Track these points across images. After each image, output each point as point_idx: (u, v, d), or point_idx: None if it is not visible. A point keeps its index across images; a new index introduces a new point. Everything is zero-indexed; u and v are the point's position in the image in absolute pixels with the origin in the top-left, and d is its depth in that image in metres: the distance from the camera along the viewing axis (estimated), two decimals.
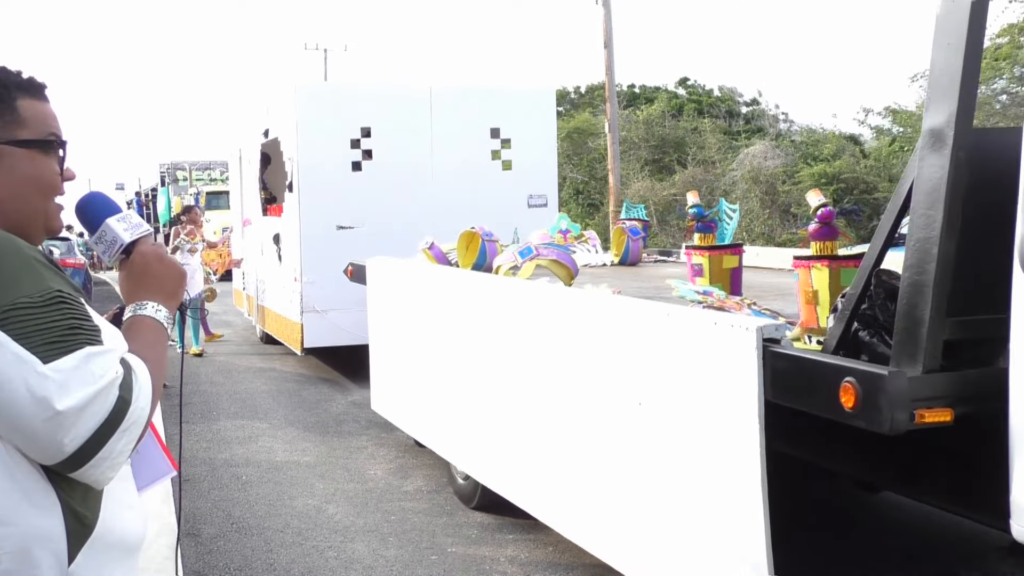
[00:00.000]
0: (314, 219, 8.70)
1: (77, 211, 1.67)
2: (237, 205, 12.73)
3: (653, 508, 3.10)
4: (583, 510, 3.59)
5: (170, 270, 1.62)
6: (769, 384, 2.56)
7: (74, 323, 1.37)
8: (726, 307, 3.33)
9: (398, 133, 8.92)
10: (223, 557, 4.60)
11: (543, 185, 9.51)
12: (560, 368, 3.68)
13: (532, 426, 3.96)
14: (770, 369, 2.56)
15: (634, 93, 27.10)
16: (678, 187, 20.11)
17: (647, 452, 3.11)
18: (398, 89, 9.29)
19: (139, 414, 1.40)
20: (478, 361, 4.52)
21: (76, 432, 1.32)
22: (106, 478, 1.40)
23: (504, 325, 4.18)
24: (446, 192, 8.94)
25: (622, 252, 6.98)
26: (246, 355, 10.94)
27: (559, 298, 3.79)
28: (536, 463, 3.96)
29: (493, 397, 4.35)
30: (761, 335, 2.56)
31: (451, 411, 4.92)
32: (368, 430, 7.02)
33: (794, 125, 24.25)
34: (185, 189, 26.57)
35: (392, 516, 5.11)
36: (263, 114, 10.29)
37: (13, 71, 1.54)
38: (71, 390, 1.32)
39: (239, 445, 6.72)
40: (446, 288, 4.97)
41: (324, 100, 9.01)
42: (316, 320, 8.70)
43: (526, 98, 9.57)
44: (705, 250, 4.29)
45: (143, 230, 1.64)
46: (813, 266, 3.11)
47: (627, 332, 3.20)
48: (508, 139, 9.31)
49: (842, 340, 2.61)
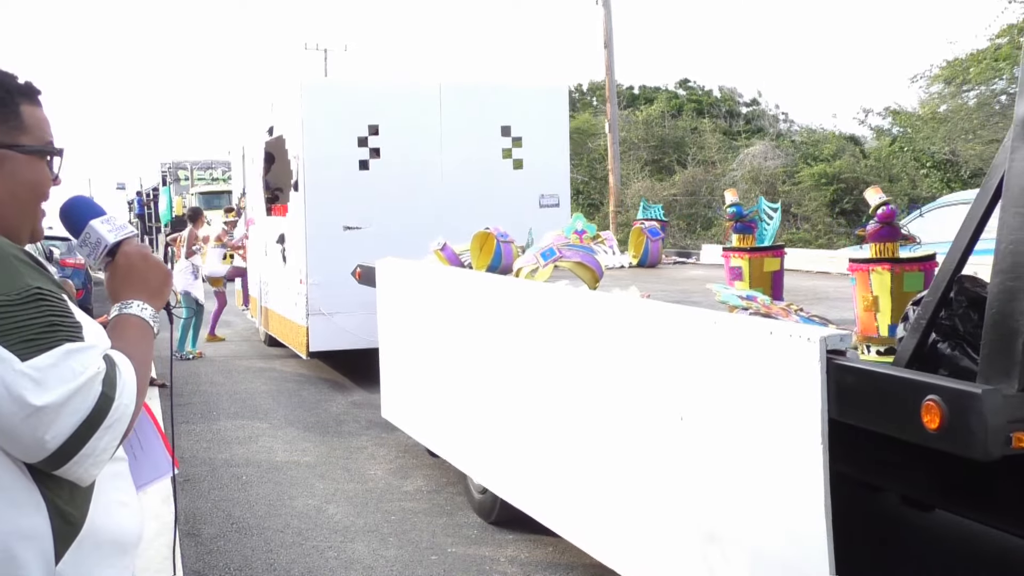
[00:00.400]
0: (320, 219, 8.46)
1: (61, 215, 1.68)
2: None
3: (695, 530, 2.87)
4: (616, 530, 3.32)
5: (155, 269, 1.63)
6: (834, 401, 2.30)
7: (53, 320, 1.36)
8: (772, 313, 3.11)
9: (407, 131, 8.67)
10: (223, 557, 4.59)
11: (555, 185, 9.27)
12: (588, 377, 3.43)
13: (557, 438, 3.70)
14: (835, 384, 2.30)
15: (633, 94, 27.11)
16: (678, 187, 20.12)
17: (689, 470, 2.86)
18: (407, 86, 9.02)
19: (123, 411, 1.38)
20: (496, 368, 4.28)
21: (57, 429, 1.31)
22: (90, 475, 1.39)
23: (525, 330, 3.95)
24: (456, 192, 8.73)
25: (640, 253, 6.73)
26: (246, 355, 10.93)
27: (587, 302, 3.53)
28: (562, 477, 3.70)
29: (513, 406, 4.10)
30: (825, 346, 2.31)
31: (467, 421, 4.67)
32: (368, 430, 7.01)
33: (794, 125, 24.26)
34: (186, 189, 26.55)
35: (392, 516, 5.10)
36: (267, 112, 10.06)
37: (12, 75, 1.55)
38: (49, 387, 1.31)
39: (239, 445, 6.71)
40: (461, 291, 4.73)
41: (330, 97, 8.75)
42: (322, 323, 8.46)
43: (538, 96, 9.32)
44: (745, 252, 4.02)
45: (127, 232, 1.65)
46: (873, 270, 2.83)
47: (667, 340, 2.94)
48: (519, 137, 9.07)
49: (916, 353, 2.34)
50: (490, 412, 4.37)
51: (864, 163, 17.50)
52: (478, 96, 9.04)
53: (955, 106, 15.61)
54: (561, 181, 9.37)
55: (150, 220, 31.07)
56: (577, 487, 3.57)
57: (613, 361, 3.25)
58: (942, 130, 15.74)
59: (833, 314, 3.45)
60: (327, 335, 8.46)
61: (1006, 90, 15.27)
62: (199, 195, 24.58)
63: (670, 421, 2.90)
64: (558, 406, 3.67)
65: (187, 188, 26.48)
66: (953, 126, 15.46)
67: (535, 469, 3.94)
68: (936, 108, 16.31)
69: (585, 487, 3.50)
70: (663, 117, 23.56)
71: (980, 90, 15.41)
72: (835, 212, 16.79)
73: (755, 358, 2.54)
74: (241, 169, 12.09)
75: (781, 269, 4.10)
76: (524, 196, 8.95)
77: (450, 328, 4.83)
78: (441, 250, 5.50)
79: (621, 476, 3.24)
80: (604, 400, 3.31)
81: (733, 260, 4.08)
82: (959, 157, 15.86)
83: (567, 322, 3.60)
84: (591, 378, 3.40)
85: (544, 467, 3.85)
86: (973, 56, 15.26)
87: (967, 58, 15.39)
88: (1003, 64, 14.66)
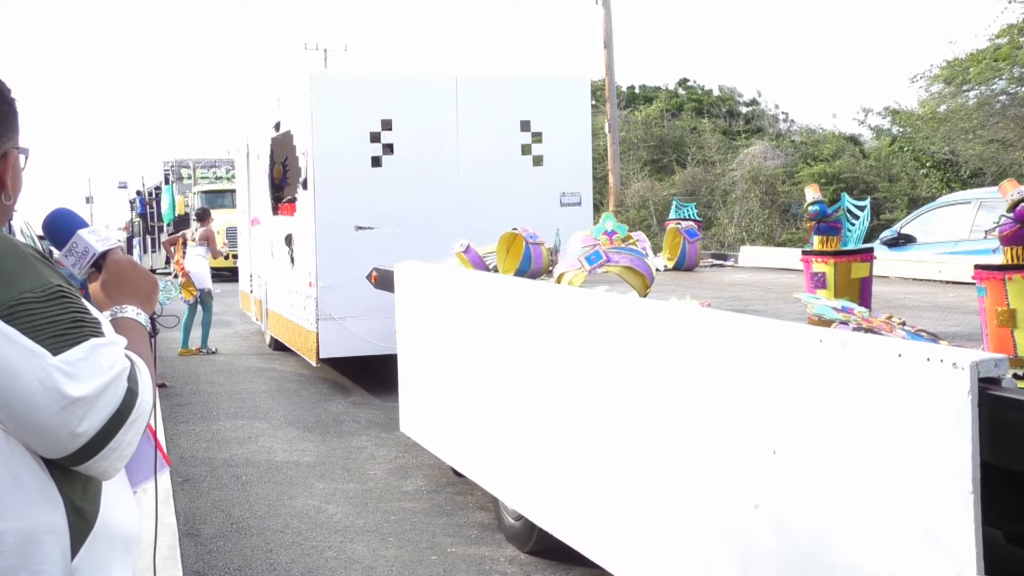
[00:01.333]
0: (330, 219, 8.03)
1: (45, 227, 1.72)
2: (244, 203, 12.10)
3: None
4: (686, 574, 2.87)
5: (144, 277, 1.69)
6: (987, 440, 1.88)
7: (77, 316, 1.40)
8: (875, 328, 2.72)
9: (421, 126, 8.21)
10: (223, 557, 4.59)
11: (577, 182, 8.77)
12: (645, 395, 3.01)
13: (608, 463, 3.26)
14: (988, 419, 1.88)
15: (633, 94, 27.11)
16: (677, 187, 20.12)
17: (784, 513, 2.40)
18: (421, 78, 8.45)
19: (145, 407, 1.42)
20: (534, 383, 3.85)
21: (90, 422, 1.34)
22: (115, 469, 1.42)
23: (570, 342, 3.54)
24: (472, 190, 8.28)
25: (677, 256, 6.32)
26: (246, 355, 10.93)
27: (648, 313, 3.06)
28: (614, 508, 3.24)
29: (556, 425, 3.66)
30: (977, 372, 1.88)
31: (500, 439, 4.22)
32: (368, 430, 7.01)
33: (794, 125, 24.26)
34: (189, 188, 25.97)
35: (392, 516, 5.10)
36: (273, 106, 9.60)
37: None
38: (83, 379, 1.34)
39: (239, 445, 6.71)
40: (494, 298, 4.30)
41: (342, 89, 8.24)
42: (333, 328, 8.04)
43: (558, 88, 8.80)
44: (829, 256, 3.51)
45: (112, 242, 1.71)
46: (1011, 278, 2.44)
47: (754, 360, 2.50)
48: (539, 132, 8.58)
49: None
50: (527, 431, 3.94)
51: (864, 163, 17.50)
52: (496, 89, 8.58)
53: (955, 106, 15.60)
54: (583, 178, 8.88)
55: (152, 220, 30.39)
56: (633, 521, 3.12)
57: (676, 378, 2.85)
58: (942, 130, 15.74)
59: (932, 327, 3.05)
60: (338, 341, 8.09)
61: (1006, 90, 15.26)
62: (202, 194, 24.17)
63: (759, 453, 2.47)
64: (609, 427, 3.25)
65: (190, 187, 25.97)
66: (953, 126, 15.45)
67: (582, 496, 3.48)
68: (936, 108, 16.31)
69: (646, 521, 3.05)
70: (663, 117, 23.56)
71: (980, 90, 15.40)
72: None
73: (877, 385, 2.11)
74: (245, 167, 11.75)
75: (870, 275, 3.57)
76: (544, 194, 8.51)
77: (479, 338, 4.43)
78: (464, 252, 5.19)
79: (690, 512, 2.80)
80: (666, 421, 2.90)
81: (815, 265, 3.55)
82: (959, 157, 15.86)
83: (620, 333, 3.18)
84: (648, 396, 3.00)
85: (592, 494, 3.40)
86: (973, 56, 15.25)
87: (967, 58, 15.37)
88: (1003, 64, 14.65)
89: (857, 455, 2.16)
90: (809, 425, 2.30)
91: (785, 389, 2.37)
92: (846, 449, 2.19)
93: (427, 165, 8.23)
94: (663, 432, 2.91)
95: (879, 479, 2.09)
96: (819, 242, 3.66)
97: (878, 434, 2.10)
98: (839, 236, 3.64)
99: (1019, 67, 14.61)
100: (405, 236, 7.90)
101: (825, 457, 2.26)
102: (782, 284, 5.18)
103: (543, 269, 5.11)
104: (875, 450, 2.11)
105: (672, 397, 2.86)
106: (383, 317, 6.15)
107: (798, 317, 3.24)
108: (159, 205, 28.84)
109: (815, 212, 3.67)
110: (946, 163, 16.25)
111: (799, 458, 2.34)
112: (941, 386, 1.94)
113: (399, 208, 8.13)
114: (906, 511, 2.02)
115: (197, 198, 23.84)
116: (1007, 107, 15.02)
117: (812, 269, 3.58)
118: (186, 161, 27.30)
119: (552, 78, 9.03)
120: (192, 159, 27.30)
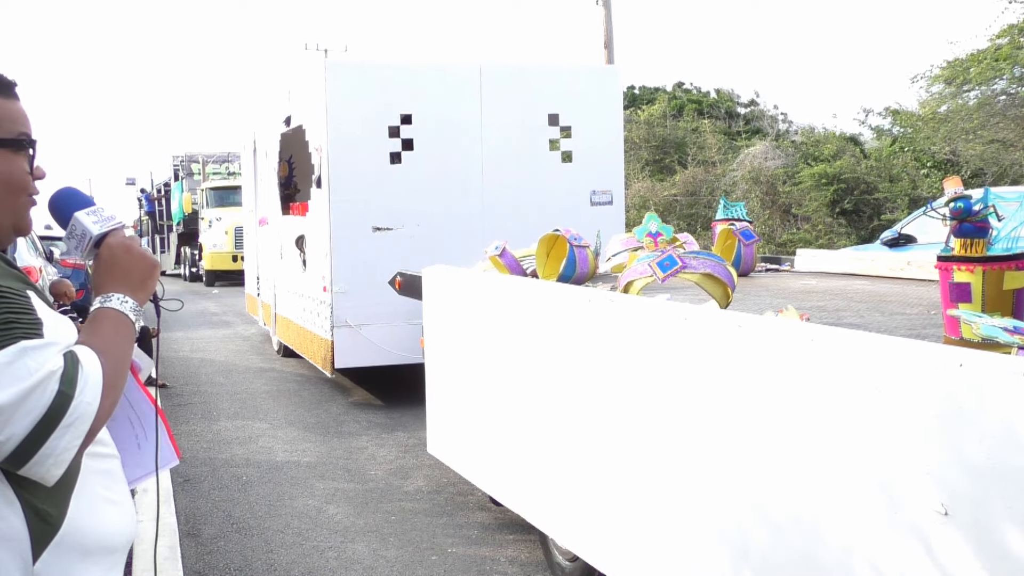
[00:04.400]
0: (346, 219, 7.49)
1: (49, 207, 1.64)
2: (251, 202, 11.55)
3: None
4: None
5: (139, 261, 1.57)
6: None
7: (9, 317, 1.33)
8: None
9: (443, 120, 7.66)
10: (223, 557, 4.60)
11: (608, 180, 8.18)
12: (741, 424, 2.52)
13: (696, 498, 2.71)
14: None
15: (634, 94, 27.10)
16: (678, 187, 20.13)
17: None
18: (443, 68, 7.87)
19: (84, 409, 1.33)
20: (591, 405, 3.31)
21: (11, 430, 1.28)
22: (53, 475, 1.34)
23: (634, 361, 3.04)
24: (498, 188, 7.77)
25: (731, 260, 5.54)
26: (246, 355, 10.94)
27: (750, 330, 2.51)
28: (703, 555, 2.69)
29: (624, 454, 3.10)
30: None
31: (551, 467, 3.63)
32: (368, 430, 7.02)
33: (794, 125, 24.24)
34: (199, 184, 24.46)
35: (392, 516, 5.11)
36: (284, 99, 8.99)
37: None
38: (1, 386, 1.28)
39: (239, 445, 6.72)
40: (542, 307, 3.75)
41: (359, 81, 7.63)
42: (349, 336, 7.50)
43: (589, 79, 8.23)
44: (976, 263, 2.87)
45: (114, 223, 1.61)
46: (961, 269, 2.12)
47: (910, 393, 1.99)
48: (568, 127, 8.03)
49: None
50: (588, 458, 3.34)
51: (864, 163, 17.49)
52: (522, 80, 7.98)
53: (955, 106, 15.59)
54: (615, 176, 8.29)
55: (161, 218, 28.97)
56: (726, 568, 2.62)
57: (785, 408, 2.36)
58: (942, 130, 15.73)
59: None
60: (355, 350, 7.53)
61: (1006, 90, 15.25)
62: (211, 191, 22.68)
63: (924, 516, 1.97)
64: (699, 459, 2.72)
65: (199, 183, 24.52)
66: (953, 126, 15.45)
67: (656, 537, 2.94)
68: (936, 108, 16.30)
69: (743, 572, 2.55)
70: (664, 117, 23.57)
71: (980, 90, 15.39)
72: (835, 212, 16.78)
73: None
74: (252, 164, 11.26)
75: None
76: (574, 192, 8.00)
77: (524, 353, 3.91)
78: (500, 256, 4.69)
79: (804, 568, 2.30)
80: (775, 459, 2.39)
81: (957, 274, 2.89)
82: (959, 157, 15.84)
83: (708, 352, 2.70)
84: (747, 427, 2.51)
85: (674, 537, 2.85)
86: (973, 56, 15.24)
87: (967, 58, 15.36)
88: (1003, 64, 14.64)
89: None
90: (990, 483, 1.83)
91: (959, 434, 1.89)
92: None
93: (449, 162, 7.73)
94: (773, 470, 2.40)
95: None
96: (959, 245, 2.95)
97: None
98: (987, 239, 2.93)
99: (1020, 67, 14.60)
100: (425, 238, 7.52)
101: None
102: (859, 292, 4.44)
103: (589, 274, 4.67)
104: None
105: (780, 430, 2.36)
106: (403, 324, 5.75)
107: (909, 332, 2.87)
108: (168, 203, 27.52)
109: (959, 210, 2.95)
110: (947, 163, 16.24)
111: (978, 523, 1.86)
112: None
113: (419, 208, 7.63)
114: None
115: (206, 195, 22.64)
116: (1008, 107, 15.01)
117: (953, 279, 2.90)
118: (196, 155, 25.77)
119: (582, 68, 8.52)
120: (202, 153, 25.78)
